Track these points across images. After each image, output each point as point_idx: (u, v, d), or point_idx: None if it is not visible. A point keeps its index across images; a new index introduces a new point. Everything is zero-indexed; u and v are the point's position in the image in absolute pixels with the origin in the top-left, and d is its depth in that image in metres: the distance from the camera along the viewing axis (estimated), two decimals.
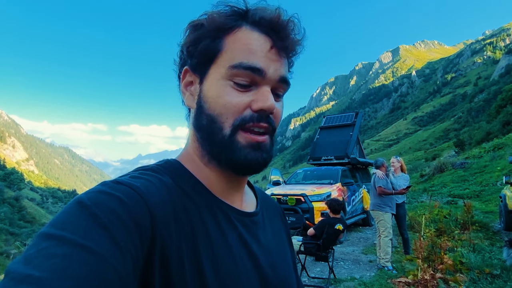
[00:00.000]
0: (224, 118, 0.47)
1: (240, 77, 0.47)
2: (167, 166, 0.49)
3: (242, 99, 0.47)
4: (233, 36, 0.48)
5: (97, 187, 0.39)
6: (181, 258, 0.40)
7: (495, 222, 8.70)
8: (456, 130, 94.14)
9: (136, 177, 0.43)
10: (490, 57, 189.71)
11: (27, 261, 0.30)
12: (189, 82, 0.52)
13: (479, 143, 30.99)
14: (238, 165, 0.48)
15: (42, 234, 0.33)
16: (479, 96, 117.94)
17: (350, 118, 9.37)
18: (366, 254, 5.61)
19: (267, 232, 0.56)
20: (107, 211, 0.35)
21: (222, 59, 0.48)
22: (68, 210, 0.35)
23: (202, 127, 0.49)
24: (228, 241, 0.47)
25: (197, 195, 0.47)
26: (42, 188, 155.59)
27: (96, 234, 0.33)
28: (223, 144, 0.48)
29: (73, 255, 0.30)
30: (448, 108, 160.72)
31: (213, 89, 0.48)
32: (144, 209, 0.38)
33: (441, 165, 21.91)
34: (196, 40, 0.49)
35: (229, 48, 0.48)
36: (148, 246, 0.37)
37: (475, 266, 4.24)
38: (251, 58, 0.47)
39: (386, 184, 4.64)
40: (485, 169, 17.49)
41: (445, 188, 16.27)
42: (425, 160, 40.52)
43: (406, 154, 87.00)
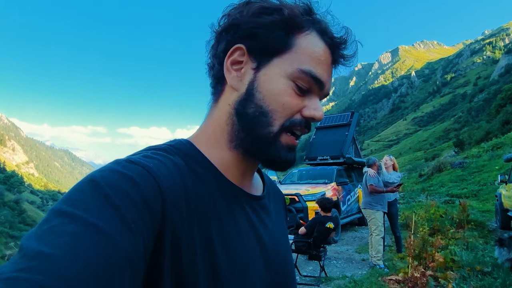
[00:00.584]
0: (277, 116, 0.47)
1: (303, 82, 0.47)
2: (179, 146, 0.48)
3: (298, 103, 0.48)
4: (304, 38, 0.48)
5: (110, 166, 0.39)
6: (192, 242, 0.40)
7: (491, 221, 8.70)
8: (456, 130, 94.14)
9: (149, 156, 0.42)
10: (490, 57, 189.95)
11: (39, 237, 0.30)
12: (237, 61, 0.49)
13: (479, 143, 31.04)
14: (275, 162, 0.49)
15: (54, 210, 0.33)
16: (479, 96, 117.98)
17: (345, 118, 9.38)
18: (359, 253, 5.61)
19: (272, 216, 0.57)
20: (120, 192, 0.35)
21: (289, 57, 0.47)
22: (80, 188, 0.35)
23: (246, 115, 0.48)
24: (239, 225, 0.47)
25: (209, 178, 0.46)
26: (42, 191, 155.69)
27: (108, 214, 0.32)
28: (266, 139, 0.47)
29: (85, 234, 0.30)
30: (448, 108, 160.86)
31: (275, 84, 0.47)
32: (156, 192, 0.37)
33: (440, 164, 21.95)
34: (269, 25, 0.47)
35: (299, 49, 0.47)
36: (158, 229, 0.37)
37: (466, 264, 4.25)
38: (319, 70, 0.47)
39: (377, 182, 4.65)
40: (484, 168, 17.50)
41: (443, 188, 16.28)
42: (425, 160, 40.56)
43: (406, 154, 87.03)
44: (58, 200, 0.35)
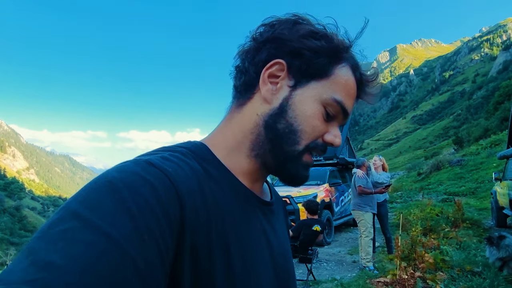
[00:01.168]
0: (305, 137, 0.49)
1: (332, 109, 0.50)
2: (195, 150, 0.48)
3: (323, 128, 0.50)
4: (341, 69, 0.50)
5: (130, 166, 0.38)
6: (210, 247, 0.40)
7: (488, 219, 8.64)
8: (456, 128, 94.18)
9: (168, 159, 0.42)
10: (488, 53, 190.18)
11: (51, 241, 0.30)
12: (275, 75, 0.51)
13: (477, 140, 30.97)
14: (293, 178, 0.52)
15: (70, 210, 0.33)
16: (477, 93, 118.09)
17: None
18: (351, 254, 5.56)
19: (279, 221, 0.58)
20: (138, 198, 0.34)
21: (326, 84, 0.50)
22: (98, 188, 0.35)
23: (275, 129, 0.49)
24: (252, 230, 0.48)
25: (226, 184, 0.47)
26: (43, 197, 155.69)
27: (122, 222, 0.32)
28: (290, 156, 0.50)
29: (96, 244, 0.30)
30: (447, 106, 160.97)
31: (308, 106, 0.49)
32: (174, 199, 0.37)
33: (438, 163, 21.89)
34: (315, 50, 0.49)
35: (336, 78, 0.50)
36: (177, 236, 0.36)
37: (457, 264, 4.20)
38: (347, 102, 0.50)
39: (366, 183, 4.61)
40: (481, 166, 17.46)
41: (441, 186, 16.22)
42: (424, 159, 40.47)
43: (406, 153, 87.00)
44: (73, 197, 0.35)
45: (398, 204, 12.47)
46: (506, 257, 4.17)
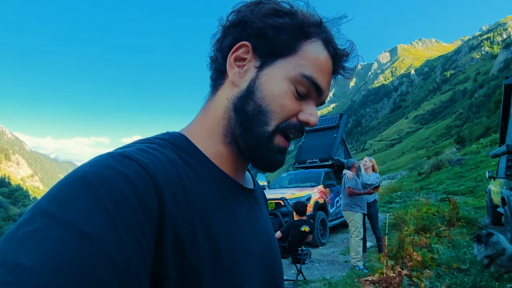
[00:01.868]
0: (274, 117, 0.48)
1: (303, 87, 0.48)
2: (173, 140, 0.47)
3: (295, 107, 0.49)
4: (310, 44, 0.49)
5: (104, 160, 0.36)
6: (195, 236, 0.39)
7: (484, 217, 8.69)
8: (458, 127, 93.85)
9: (144, 150, 0.40)
10: (488, 52, 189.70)
11: (19, 242, 0.28)
12: (241, 58, 0.50)
13: (479, 139, 30.90)
14: (264, 162, 0.50)
15: (39, 209, 0.31)
16: (479, 92, 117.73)
17: (334, 120, 9.45)
18: (344, 254, 5.64)
19: (262, 209, 0.59)
20: (113, 192, 0.32)
21: (293, 61, 0.48)
22: (70, 184, 0.33)
23: (244, 112, 0.48)
24: (237, 217, 0.47)
25: (206, 172, 0.46)
26: None
27: (97, 218, 0.30)
28: (260, 138, 0.48)
29: (69, 241, 0.28)
30: (448, 105, 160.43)
31: (275, 85, 0.48)
32: (152, 191, 0.36)
33: (438, 162, 21.89)
34: (278, 28, 0.48)
35: (304, 54, 0.48)
36: (157, 230, 0.35)
37: (444, 262, 4.28)
38: (319, 77, 0.49)
39: (355, 184, 4.71)
40: (481, 164, 17.42)
41: (441, 186, 16.21)
42: (427, 158, 40.39)
43: (409, 153, 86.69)
44: (44, 196, 0.33)
45: (397, 204, 12.50)
46: (494, 254, 4.24)
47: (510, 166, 5.73)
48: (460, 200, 12.05)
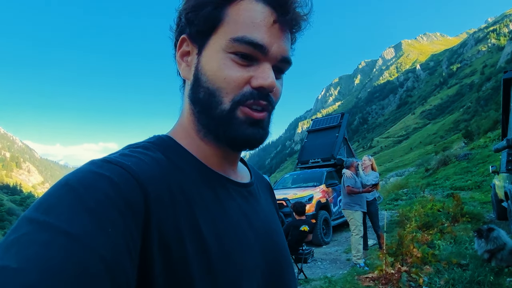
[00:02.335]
0: (224, 93, 0.45)
1: (241, 50, 0.45)
2: (159, 142, 0.47)
3: (242, 74, 0.45)
4: (236, 6, 0.45)
5: (85, 166, 0.37)
6: (180, 234, 0.39)
7: (491, 212, 8.65)
8: (466, 121, 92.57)
9: (127, 155, 0.41)
10: (495, 44, 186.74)
11: (6, 248, 0.28)
12: (186, 52, 0.50)
13: (487, 133, 30.48)
14: (235, 141, 0.47)
15: (24, 218, 0.31)
16: (486, 85, 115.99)
17: (336, 119, 9.51)
18: (347, 253, 5.70)
19: (262, 202, 0.57)
20: (96, 193, 0.33)
21: (223, 30, 0.45)
22: (54, 193, 0.33)
23: (199, 100, 0.48)
24: (228, 212, 0.47)
25: (192, 169, 0.46)
26: None
27: (81, 219, 0.31)
28: (221, 119, 0.46)
29: (54, 242, 0.28)
30: (456, 99, 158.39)
31: (213, 61, 0.46)
32: (136, 189, 0.36)
33: (445, 158, 21.68)
34: (197, 6, 0.46)
35: (232, 18, 0.45)
36: (143, 226, 0.36)
37: (445, 258, 4.32)
38: (254, 33, 0.44)
39: (354, 183, 4.78)
40: (488, 158, 17.21)
41: (448, 181, 16.06)
42: (435, 154, 39.99)
43: (416, 149, 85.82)
44: (30, 206, 0.33)
45: (403, 202, 12.47)
46: (494, 249, 4.27)
47: (510, 160, 5.73)
48: (466, 195, 11.97)
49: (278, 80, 0.50)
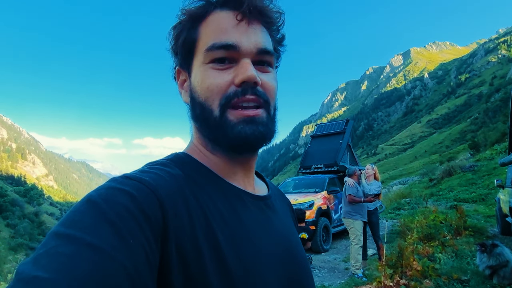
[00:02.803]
0: (211, 100, 0.48)
1: (215, 56, 0.48)
2: (176, 159, 0.50)
3: (223, 78, 0.48)
4: (205, 22, 0.50)
5: (106, 184, 0.40)
6: (198, 245, 0.40)
7: (494, 227, 8.51)
8: (473, 132, 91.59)
9: (145, 171, 0.44)
10: (505, 55, 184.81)
11: (35, 261, 0.31)
12: (182, 80, 0.55)
13: (494, 145, 30.09)
14: (234, 142, 0.48)
15: (51, 234, 0.34)
16: (495, 96, 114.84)
17: (340, 126, 9.44)
18: (345, 262, 5.64)
19: (279, 215, 0.58)
20: (117, 207, 0.35)
21: (199, 47, 0.50)
22: (78, 209, 0.36)
23: (197, 117, 0.51)
24: (245, 225, 0.48)
25: (208, 183, 0.48)
26: (61, 203, 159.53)
27: (104, 231, 0.33)
28: (216, 125, 0.48)
29: (80, 253, 0.30)
30: (463, 109, 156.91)
31: (197, 77, 0.50)
32: (154, 203, 0.38)
33: (450, 168, 21.42)
34: (176, 37, 0.52)
35: (203, 34, 0.49)
36: (161, 239, 0.37)
37: (445, 272, 4.24)
38: (222, 37, 0.48)
39: (356, 192, 4.72)
40: (494, 171, 16.96)
41: (452, 192, 15.88)
42: (440, 163, 39.58)
43: (421, 158, 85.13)
44: (57, 223, 0.35)
45: (405, 211, 12.33)
46: (496, 265, 4.18)
47: None
48: (470, 207, 11.81)
49: (267, 74, 0.51)
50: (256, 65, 0.49)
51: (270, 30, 0.53)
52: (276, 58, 0.55)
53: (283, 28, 0.56)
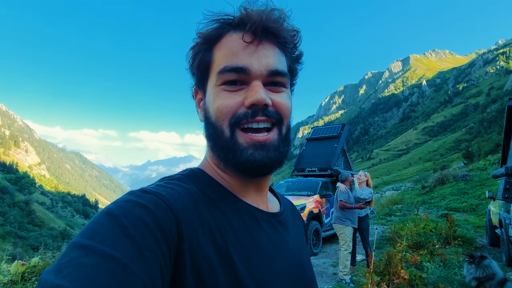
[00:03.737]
0: (221, 121, 0.49)
1: (227, 78, 0.49)
2: (191, 175, 0.51)
3: (234, 99, 0.49)
4: (219, 44, 0.51)
5: (125, 197, 0.41)
6: (211, 259, 0.41)
7: (483, 237, 8.58)
8: (468, 141, 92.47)
9: (162, 186, 0.45)
10: (503, 67, 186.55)
11: (58, 271, 0.32)
12: (199, 99, 0.56)
13: (487, 155, 30.37)
14: (243, 167, 0.49)
15: (72, 244, 0.35)
16: (491, 107, 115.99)
17: (336, 130, 9.44)
18: (334, 266, 5.63)
19: (291, 232, 0.59)
20: (135, 220, 0.36)
21: (213, 68, 0.51)
22: (97, 221, 0.37)
23: (210, 136, 0.52)
24: (258, 242, 0.48)
25: (222, 200, 0.49)
26: (53, 192, 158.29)
27: (123, 244, 0.34)
28: (226, 146, 0.49)
29: (101, 265, 0.32)
30: (459, 118, 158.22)
31: (210, 97, 0.51)
32: (170, 217, 0.39)
33: (443, 177, 21.58)
34: (193, 57, 0.53)
35: (216, 56, 0.51)
36: (176, 253, 0.38)
37: (431, 282, 4.25)
38: (233, 60, 0.49)
39: (347, 198, 4.71)
40: (486, 182, 17.11)
41: (444, 201, 16.00)
42: (433, 171, 39.90)
43: (415, 165, 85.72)
44: (77, 234, 0.37)
45: (396, 218, 12.39)
46: (483, 277, 4.20)
47: (507, 188, 5.67)
48: (461, 217, 11.89)
49: (280, 94, 0.52)
50: (268, 86, 0.51)
51: (285, 50, 0.53)
52: (291, 76, 0.56)
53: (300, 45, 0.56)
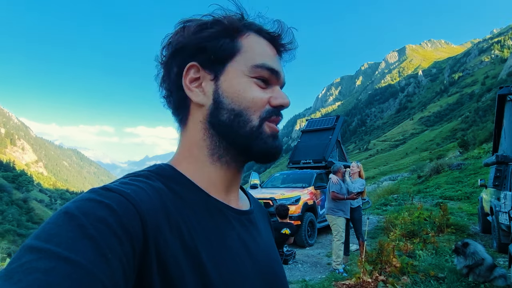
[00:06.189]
0: (252, 111, 0.50)
1: (262, 76, 0.51)
2: (159, 171, 0.49)
3: (264, 95, 0.52)
4: (246, 38, 0.52)
5: (85, 195, 0.38)
6: (178, 259, 0.40)
7: (476, 225, 8.71)
8: (464, 130, 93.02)
9: (126, 183, 0.42)
10: (498, 56, 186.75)
11: (8, 277, 0.29)
12: (194, 78, 0.52)
13: (482, 144, 30.62)
14: (265, 154, 0.52)
15: (25, 247, 0.32)
16: (486, 96, 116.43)
17: (330, 121, 9.47)
18: (329, 256, 5.72)
19: (261, 230, 0.58)
20: (96, 221, 0.34)
21: (241, 58, 0.51)
22: (54, 221, 0.34)
23: (221, 122, 0.50)
24: (226, 239, 0.48)
25: (191, 197, 0.48)
26: (51, 190, 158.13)
27: (82, 245, 0.32)
28: (251, 134, 0.50)
29: (56, 269, 0.29)
30: (455, 107, 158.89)
31: (238, 85, 0.50)
32: (135, 217, 0.37)
33: (438, 166, 21.77)
34: (213, 37, 0.51)
35: (248, 49, 0.52)
36: (141, 254, 0.37)
37: (423, 269, 4.34)
38: (269, 61, 0.52)
39: (339, 189, 4.77)
40: (480, 170, 17.26)
41: (439, 190, 16.17)
42: (430, 161, 40.20)
43: (412, 155, 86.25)
44: (30, 236, 0.34)
45: (391, 207, 12.53)
46: (472, 264, 4.30)
47: (497, 176, 5.76)
48: (455, 205, 12.06)
49: None
50: None
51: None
52: None
53: None
